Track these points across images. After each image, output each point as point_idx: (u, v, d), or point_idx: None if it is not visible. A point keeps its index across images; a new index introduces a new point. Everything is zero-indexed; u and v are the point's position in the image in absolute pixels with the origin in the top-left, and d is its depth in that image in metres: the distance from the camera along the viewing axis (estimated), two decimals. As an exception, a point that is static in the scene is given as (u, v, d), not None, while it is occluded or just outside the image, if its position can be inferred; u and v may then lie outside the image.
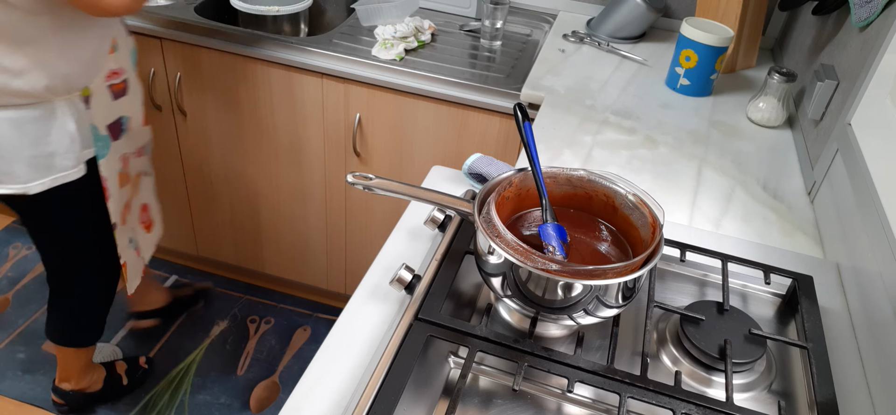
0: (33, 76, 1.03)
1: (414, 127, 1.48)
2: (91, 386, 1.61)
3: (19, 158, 1.08)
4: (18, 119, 1.05)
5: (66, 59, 1.06)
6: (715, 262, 0.83)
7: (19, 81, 1.02)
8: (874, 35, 0.98)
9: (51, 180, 1.12)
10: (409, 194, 0.77)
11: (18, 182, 1.10)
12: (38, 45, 1.02)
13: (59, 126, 1.09)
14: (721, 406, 0.62)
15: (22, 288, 1.98)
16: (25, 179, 1.10)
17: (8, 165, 1.08)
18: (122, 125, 1.26)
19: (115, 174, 1.26)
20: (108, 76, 1.19)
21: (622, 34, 1.60)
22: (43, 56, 1.03)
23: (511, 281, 0.66)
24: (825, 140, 1.07)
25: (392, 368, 0.62)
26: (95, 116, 1.16)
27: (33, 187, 1.12)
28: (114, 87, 1.21)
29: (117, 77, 1.22)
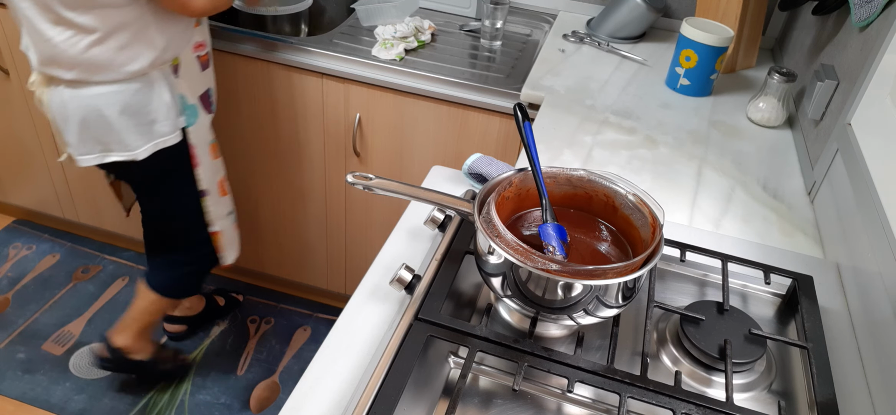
0: (143, 57, 1.13)
1: (414, 127, 1.48)
2: (135, 352, 1.60)
3: (128, 127, 1.18)
4: (126, 92, 1.14)
5: (162, 32, 1.14)
6: (715, 262, 0.83)
7: (133, 65, 1.13)
8: (874, 35, 0.98)
9: (153, 145, 1.22)
10: (409, 194, 0.77)
11: (128, 149, 1.21)
12: (139, 25, 1.11)
13: (157, 95, 1.18)
14: (721, 406, 0.62)
15: (22, 288, 1.98)
16: (134, 147, 1.20)
17: (118, 135, 1.18)
18: (209, 97, 1.33)
19: (207, 144, 1.34)
20: (195, 47, 1.26)
21: (622, 34, 1.60)
22: (145, 35, 1.12)
23: (511, 281, 0.66)
24: (825, 140, 1.07)
25: (392, 368, 0.62)
26: (183, 85, 1.24)
27: (141, 153, 1.21)
28: (201, 59, 1.28)
29: (202, 49, 1.28)
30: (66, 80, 1.13)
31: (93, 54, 1.09)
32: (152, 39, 1.13)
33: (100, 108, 1.15)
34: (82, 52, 1.08)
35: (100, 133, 1.18)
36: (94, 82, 1.12)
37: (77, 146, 1.21)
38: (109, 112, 1.15)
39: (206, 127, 1.33)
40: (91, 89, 1.13)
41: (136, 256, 2.13)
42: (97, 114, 1.15)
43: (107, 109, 1.15)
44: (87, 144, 1.20)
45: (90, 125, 1.17)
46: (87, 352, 1.79)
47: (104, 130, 1.18)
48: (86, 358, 1.78)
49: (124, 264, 2.10)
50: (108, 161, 1.22)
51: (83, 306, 1.93)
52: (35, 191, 2.07)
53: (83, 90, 1.13)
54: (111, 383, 1.72)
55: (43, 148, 1.92)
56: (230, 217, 1.49)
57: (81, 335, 1.84)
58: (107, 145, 1.20)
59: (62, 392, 1.69)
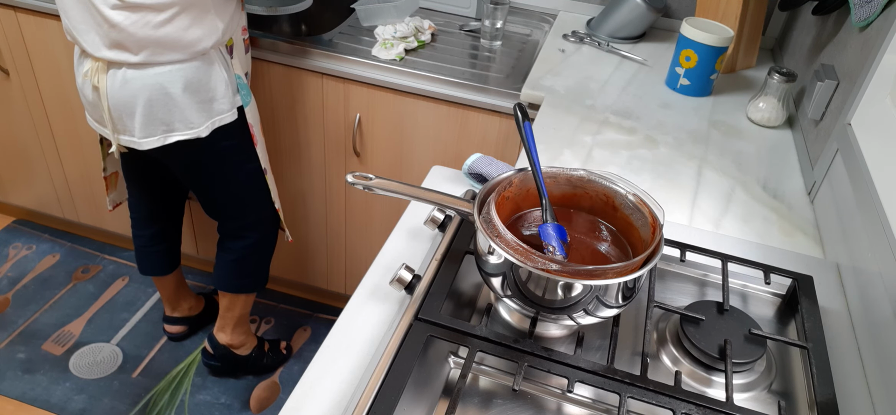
0: (207, 38, 1.17)
1: (414, 127, 1.48)
2: (240, 347, 1.68)
3: (190, 104, 1.21)
4: (188, 69, 1.18)
5: (220, 14, 1.18)
6: (715, 262, 0.83)
7: (199, 45, 1.17)
8: (874, 35, 0.98)
9: (212, 124, 1.25)
10: (409, 194, 0.77)
11: (191, 127, 1.23)
12: (202, 6, 1.14)
13: (216, 73, 1.22)
14: (721, 406, 0.62)
15: (22, 288, 1.98)
16: (197, 123, 1.23)
17: (182, 112, 1.21)
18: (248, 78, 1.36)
19: (259, 124, 1.37)
20: (243, 30, 1.30)
21: (622, 34, 1.60)
22: (207, 16, 1.16)
23: (511, 281, 0.66)
24: (825, 140, 1.07)
25: (392, 368, 0.62)
26: (238, 65, 1.28)
27: (203, 131, 1.24)
28: (246, 42, 1.32)
29: (246, 33, 1.32)
30: (131, 63, 1.15)
31: (163, 33, 1.12)
32: (213, 21, 1.17)
33: (164, 86, 1.17)
34: (152, 31, 1.11)
35: (163, 112, 1.20)
36: (160, 63, 1.15)
37: (141, 129, 1.22)
38: (174, 89, 1.18)
39: (254, 107, 1.35)
40: (156, 69, 1.16)
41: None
42: (162, 92, 1.18)
43: (171, 86, 1.17)
44: (151, 126, 1.21)
45: (155, 104, 1.19)
46: (89, 352, 1.80)
47: (168, 108, 1.19)
48: (86, 358, 1.78)
49: (124, 264, 2.10)
50: (170, 141, 1.23)
51: (83, 306, 1.94)
52: (35, 191, 2.07)
53: (148, 70, 1.16)
54: (111, 383, 1.72)
55: (43, 148, 1.92)
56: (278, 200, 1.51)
57: (81, 335, 1.84)
58: (170, 125, 1.21)
59: (62, 392, 1.69)
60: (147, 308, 1.95)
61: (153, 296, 1.99)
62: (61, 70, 1.70)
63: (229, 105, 1.27)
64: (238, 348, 1.68)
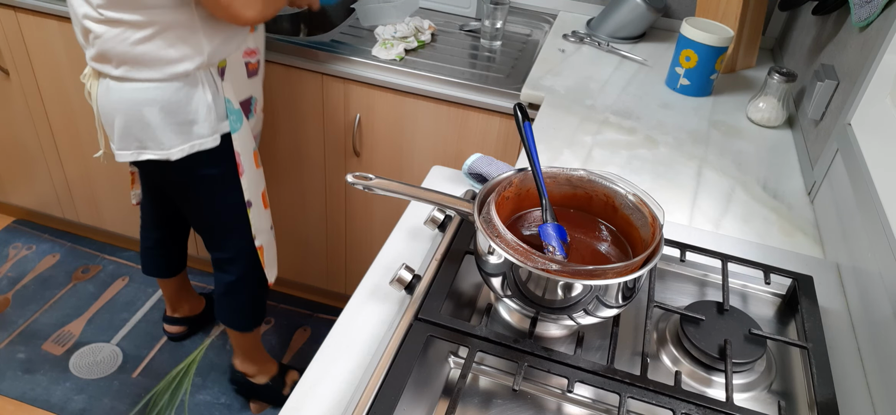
0: (188, 60, 1.12)
1: (414, 127, 1.48)
2: (255, 376, 1.66)
3: (165, 125, 1.16)
4: (167, 90, 1.13)
5: (210, 37, 1.13)
6: (715, 262, 0.83)
7: (179, 66, 1.12)
8: (874, 35, 0.98)
9: (189, 147, 1.19)
10: (409, 194, 0.77)
11: (163, 148, 1.18)
12: (188, 27, 1.10)
13: (199, 95, 1.16)
14: (721, 406, 0.62)
15: (22, 288, 1.98)
16: (169, 145, 1.18)
17: (154, 133, 1.17)
18: (251, 105, 1.29)
19: (250, 152, 1.29)
20: (246, 53, 1.23)
21: (622, 34, 1.60)
22: (192, 38, 1.11)
23: (511, 281, 0.66)
24: (825, 140, 1.07)
25: (392, 368, 0.62)
26: (229, 89, 1.21)
27: (174, 153, 1.19)
28: (249, 66, 1.25)
29: (253, 56, 1.25)
30: (112, 76, 1.13)
31: (141, 51, 1.09)
32: (199, 43, 1.12)
33: (140, 103, 1.14)
34: (130, 47, 1.08)
35: (137, 129, 1.17)
36: (138, 79, 1.12)
37: (118, 141, 1.19)
38: (149, 109, 1.14)
39: (249, 134, 1.28)
40: (133, 85, 1.13)
41: (135, 256, 2.13)
42: (137, 109, 1.14)
43: (147, 105, 1.14)
44: (126, 139, 1.18)
45: (130, 120, 1.16)
46: (89, 352, 1.80)
47: (142, 126, 1.16)
48: (86, 358, 1.78)
49: (124, 264, 2.10)
50: (142, 159, 1.20)
51: (83, 306, 1.94)
52: (35, 191, 2.07)
53: (127, 85, 1.13)
54: (111, 383, 1.72)
55: (43, 148, 1.92)
56: (271, 232, 1.44)
57: (81, 335, 1.84)
58: (143, 143, 1.18)
59: (62, 392, 1.69)
60: (147, 308, 1.95)
61: (153, 296, 1.99)
62: (61, 70, 1.70)
63: (210, 130, 1.20)
64: (253, 377, 1.66)
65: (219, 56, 1.17)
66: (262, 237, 1.38)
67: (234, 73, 1.21)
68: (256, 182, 1.33)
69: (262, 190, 1.36)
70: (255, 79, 1.29)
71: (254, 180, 1.31)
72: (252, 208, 1.32)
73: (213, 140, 1.21)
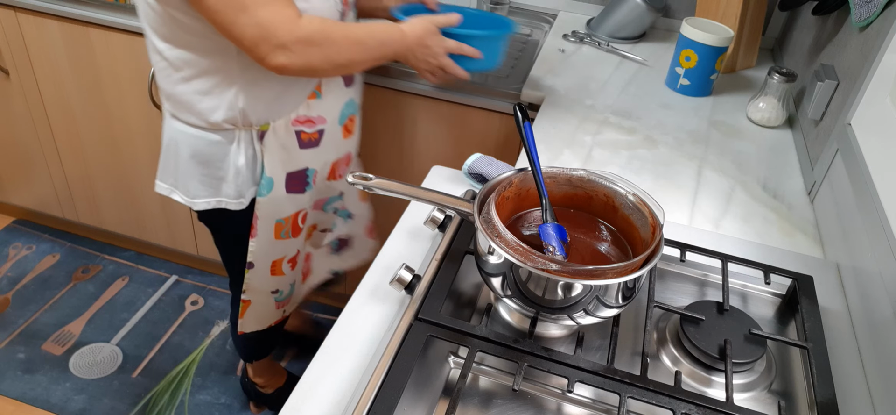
0: (220, 111, 1.04)
1: (414, 127, 1.48)
2: (264, 387, 1.66)
3: (194, 174, 1.11)
4: (202, 139, 1.07)
5: (246, 93, 1.03)
6: (715, 262, 0.83)
7: (212, 116, 1.04)
8: (874, 35, 0.98)
9: (216, 202, 1.14)
10: (409, 194, 0.77)
11: (189, 195, 1.14)
12: (223, 78, 1.01)
13: (232, 156, 1.09)
14: (721, 406, 0.62)
15: (22, 288, 1.98)
16: (194, 195, 1.13)
17: (184, 178, 1.12)
18: (307, 177, 1.17)
19: (272, 221, 1.17)
20: (298, 121, 1.09)
21: (622, 34, 1.60)
22: (227, 90, 1.02)
23: (511, 281, 0.66)
24: (825, 140, 1.07)
25: (392, 368, 0.62)
26: (270, 157, 1.09)
27: (198, 204, 1.14)
28: (302, 136, 1.11)
29: (311, 126, 1.11)
30: (166, 107, 1.09)
31: (179, 91, 1.03)
32: (234, 99, 1.03)
33: (178, 144, 1.09)
34: (172, 86, 1.04)
35: (173, 167, 1.13)
36: (181, 120, 1.07)
37: (159, 172, 1.17)
38: (182, 152, 1.09)
39: (278, 204, 1.16)
40: (177, 124, 1.08)
41: (135, 256, 2.13)
42: (175, 149, 1.10)
43: (181, 148, 1.09)
44: (164, 174, 1.15)
45: (169, 157, 1.13)
46: (89, 352, 1.80)
47: (175, 166, 1.12)
48: (86, 358, 1.78)
49: (124, 264, 2.10)
50: (172, 198, 1.16)
51: (83, 306, 1.94)
52: (35, 191, 2.07)
53: (173, 122, 1.09)
54: (111, 383, 1.72)
55: (43, 148, 1.92)
56: (271, 296, 1.33)
57: (81, 335, 1.84)
58: (175, 183, 1.14)
59: (62, 392, 1.69)
60: (147, 308, 1.95)
61: (153, 296, 1.99)
62: (61, 70, 1.70)
63: (237, 193, 1.11)
64: (262, 387, 1.67)
65: (259, 118, 1.06)
66: (253, 295, 1.30)
67: (279, 141, 1.09)
68: (269, 250, 1.22)
69: (276, 259, 1.25)
70: (314, 150, 1.15)
71: (265, 247, 1.21)
72: (251, 270, 1.23)
73: (238, 204, 1.14)
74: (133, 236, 2.06)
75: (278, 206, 1.16)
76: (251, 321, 1.37)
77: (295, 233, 1.23)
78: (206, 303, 1.99)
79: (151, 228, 1.99)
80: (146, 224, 1.99)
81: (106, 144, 1.82)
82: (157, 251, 2.13)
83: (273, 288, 1.31)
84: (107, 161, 1.86)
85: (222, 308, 1.97)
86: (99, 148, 1.84)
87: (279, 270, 1.28)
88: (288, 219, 1.19)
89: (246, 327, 1.38)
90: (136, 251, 2.15)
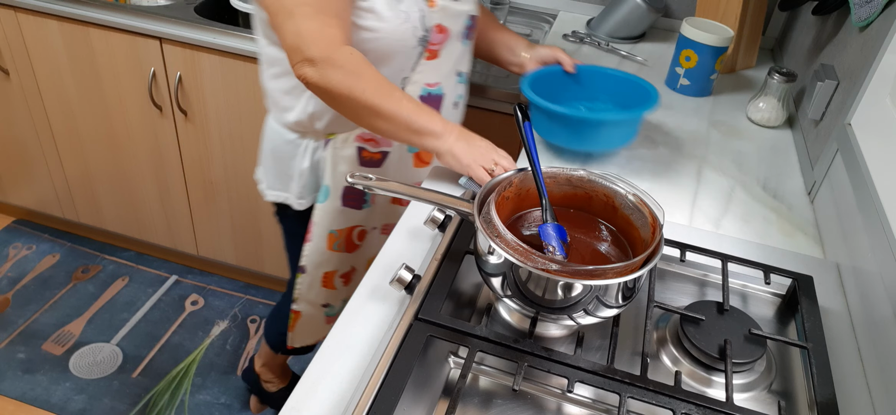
0: (293, 112, 1.06)
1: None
2: (267, 383, 1.66)
3: (270, 167, 1.16)
4: (281, 136, 1.11)
5: (316, 102, 1.03)
6: (715, 262, 0.83)
7: (287, 115, 1.08)
8: (874, 35, 0.98)
9: (283, 197, 1.17)
10: (409, 194, 0.77)
11: (266, 184, 1.19)
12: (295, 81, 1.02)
13: (299, 158, 1.11)
14: (721, 406, 0.62)
15: (22, 288, 1.98)
16: (269, 185, 1.19)
17: (265, 166, 1.18)
18: (364, 195, 1.17)
19: (326, 231, 1.17)
20: (362, 138, 1.08)
21: (622, 34, 1.60)
22: (300, 91, 1.04)
23: (511, 281, 0.66)
24: (825, 140, 1.07)
25: (392, 368, 0.62)
26: (329, 165, 1.09)
27: (269, 195, 1.19)
28: (364, 153, 1.10)
29: (374, 145, 1.10)
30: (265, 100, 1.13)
31: (269, 87, 1.08)
32: (306, 101, 1.04)
33: (265, 136, 1.15)
34: (264, 80, 1.08)
35: (262, 156, 1.18)
36: (270, 113, 1.12)
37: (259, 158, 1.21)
38: (266, 144, 1.15)
39: (333, 215, 1.16)
40: (268, 117, 1.13)
41: (136, 256, 2.13)
42: (264, 140, 1.16)
43: (266, 140, 1.15)
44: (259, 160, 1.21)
45: (262, 146, 1.17)
46: (89, 352, 1.80)
47: (262, 155, 1.18)
48: (86, 358, 1.78)
49: (124, 264, 2.10)
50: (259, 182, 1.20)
51: (83, 306, 1.94)
52: (35, 191, 2.07)
53: (267, 115, 1.14)
54: (111, 383, 1.72)
55: (43, 148, 1.92)
56: (322, 310, 1.32)
57: (81, 335, 1.84)
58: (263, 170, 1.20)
59: (62, 392, 1.69)
60: (147, 308, 1.95)
61: (153, 296, 1.99)
62: (61, 70, 1.70)
63: (300, 194, 1.14)
64: (265, 383, 1.66)
65: (325, 127, 1.06)
66: (303, 306, 1.30)
67: (341, 153, 1.09)
68: (322, 260, 1.22)
69: (328, 271, 1.25)
70: (375, 171, 1.13)
71: (318, 255, 1.21)
72: (302, 275, 1.24)
73: (300, 205, 1.16)
74: (133, 236, 2.06)
75: (333, 216, 1.16)
76: (301, 334, 1.38)
77: (349, 248, 1.22)
78: (206, 303, 1.99)
79: (151, 228, 1.99)
80: (146, 224, 1.99)
81: (106, 144, 1.82)
82: (157, 251, 2.13)
83: (324, 301, 1.31)
84: (107, 161, 1.86)
85: (222, 308, 1.97)
86: (99, 148, 1.84)
87: (331, 283, 1.27)
88: (341, 231, 1.19)
89: (296, 340, 1.38)
90: (136, 251, 2.15)
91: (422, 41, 0.98)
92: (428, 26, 0.97)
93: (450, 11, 1.00)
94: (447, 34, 1.01)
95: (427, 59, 1.01)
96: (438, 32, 0.99)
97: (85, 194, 1.99)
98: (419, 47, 0.98)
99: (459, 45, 1.05)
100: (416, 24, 0.96)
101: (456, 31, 1.02)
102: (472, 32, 1.08)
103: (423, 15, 0.96)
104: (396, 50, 0.97)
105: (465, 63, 1.10)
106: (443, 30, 1.00)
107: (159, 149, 1.76)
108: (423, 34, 0.97)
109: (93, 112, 1.76)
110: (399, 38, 0.95)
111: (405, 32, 0.95)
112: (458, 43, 1.05)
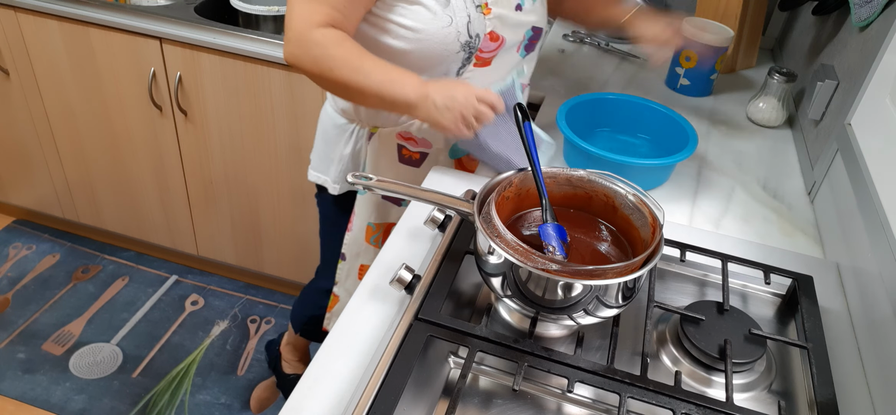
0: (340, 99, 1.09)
1: (414, 127, 1.48)
2: (286, 363, 1.67)
3: (318, 149, 1.18)
4: (329, 117, 1.13)
5: None
6: (715, 262, 0.83)
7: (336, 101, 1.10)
8: (874, 35, 0.98)
9: (323, 179, 1.19)
10: (409, 194, 0.77)
11: (310, 163, 1.21)
12: None
13: (343, 143, 1.12)
14: (721, 406, 0.62)
15: (22, 288, 1.98)
16: (314, 165, 1.20)
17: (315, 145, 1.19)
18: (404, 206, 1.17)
19: (364, 224, 1.19)
20: (402, 136, 1.08)
21: (622, 34, 1.60)
22: None
23: (511, 281, 0.66)
24: (825, 140, 1.07)
25: (392, 368, 0.62)
26: (371, 157, 1.10)
27: (311, 174, 1.21)
28: (403, 151, 1.10)
29: (413, 145, 1.09)
30: None
31: None
32: None
33: (321, 119, 1.16)
34: None
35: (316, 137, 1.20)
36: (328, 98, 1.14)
37: None
38: (319, 127, 1.17)
39: (371, 208, 1.17)
40: (326, 102, 1.15)
41: (136, 256, 2.13)
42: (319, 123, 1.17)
43: (320, 123, 1.16)
44: None
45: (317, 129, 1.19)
46: (89, 352, 1.80)
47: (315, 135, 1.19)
48: (86, 358, 1.78)
49: (124, 264, 2.10)
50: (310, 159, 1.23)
51: (83, 306, 1.94)
52: (35, 191, 2.07)
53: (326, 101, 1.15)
54: (111, 383, 1.72)
55: (43, 148, 1.92)
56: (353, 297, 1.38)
57: (81, 335, 1.84)
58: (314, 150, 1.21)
59: (62, 392, 1.69)
60: (147, 308, 1.95)
61: (153, 296, 1.99)
62: (61, 70, 1.70)
63: (335, 179, 1.15)
64: (285, 362, 1.68)
65: (368, 119, 1.07)
66: (341, 292, 1.32)
67: (382, 148, 1.09)
68: (358, 250, 1.23)
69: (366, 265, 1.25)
70: (413, 170, 1.13)
71: (356, 246, 1.22)
72: (342, 262, 1.26)
73: (335, 189, 1.17)
74: (133, 236, 2.06)
75: (371, 209, 1.17)
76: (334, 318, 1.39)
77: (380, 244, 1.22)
78: (206, 303, 1.99)
79: (151, 228, 1.99)
80: (146, 224, 1.99)
81: (106, 144, 1.82)
82: (157, 251, 2.13)
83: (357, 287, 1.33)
84: (107, 161, 1.86)
85: (222, 308, 1.97)
86: (99, 148, 1.84)
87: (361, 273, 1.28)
88: (379, 226, 1.19)
89: (330, 323, 1.40)
90: (136, 251, 2.15)
91: (466, 47, 0.94)
92: (474, 32, 0.93)
93: (508, 21, 0.95)
94: (501, 43, 0.97)
95: (476, 66, 0.97)
96: (491, 40, 0.95)
97: (85, 194, 1.99)
98: (464, 53, 0.94)
99: (516, 56, 1.02)
100: (460, 28, 0.92)
101: (513, 40, 0.98)
102: (534, 44, 1.05)
103: (470, 20, 0.92)
104: (436, 52, 0.93)
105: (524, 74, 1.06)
106: (496, 38, 0.96)
107: (159, 149, 1.76)
108: (467, 39, 0.93)
109: (93, 112, 1.76)
110: (440, 40, 0.92)
111: (448, 36, 0.92)
112: (515, 53, 1.01)
